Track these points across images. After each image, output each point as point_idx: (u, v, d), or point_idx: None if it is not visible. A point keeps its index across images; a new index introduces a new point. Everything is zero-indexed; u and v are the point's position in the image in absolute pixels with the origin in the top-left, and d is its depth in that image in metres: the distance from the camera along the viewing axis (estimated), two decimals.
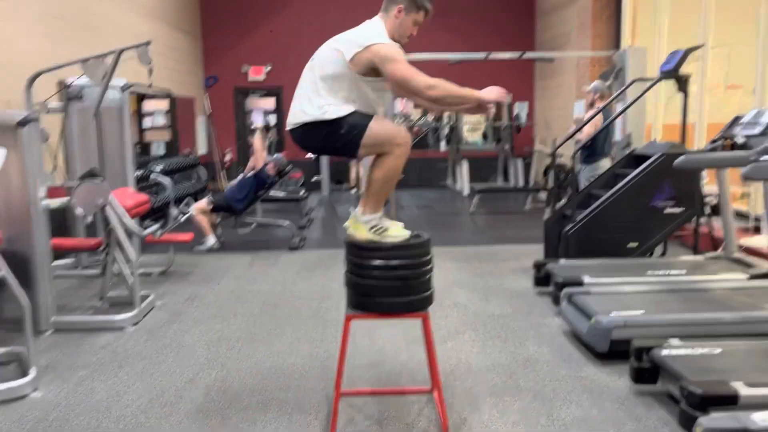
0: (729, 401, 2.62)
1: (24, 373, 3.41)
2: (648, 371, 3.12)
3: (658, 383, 3.12)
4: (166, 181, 8.09)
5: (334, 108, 2.67)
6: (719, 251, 5.33)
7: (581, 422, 2.94)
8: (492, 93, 2.71)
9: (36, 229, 4.15)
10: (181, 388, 3.39)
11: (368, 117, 2.71)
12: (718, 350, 3.11)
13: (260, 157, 6.98)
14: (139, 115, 9.68)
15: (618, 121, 7.03)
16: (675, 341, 3.19)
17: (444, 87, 2.65)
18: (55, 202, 4.36)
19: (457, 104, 2.75)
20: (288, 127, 2.83)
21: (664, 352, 3.08)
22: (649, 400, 3.13)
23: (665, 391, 3.11)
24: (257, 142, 7.03)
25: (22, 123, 4.02)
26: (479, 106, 2.77)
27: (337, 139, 2.69)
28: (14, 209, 4.13)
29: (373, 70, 2.67)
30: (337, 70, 2.68)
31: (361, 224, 2.79)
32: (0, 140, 4.01)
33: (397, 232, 2.78)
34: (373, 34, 2.68)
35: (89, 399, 3.26)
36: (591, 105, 6.79)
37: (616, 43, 9.54)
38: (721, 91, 8.10)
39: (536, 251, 5.91)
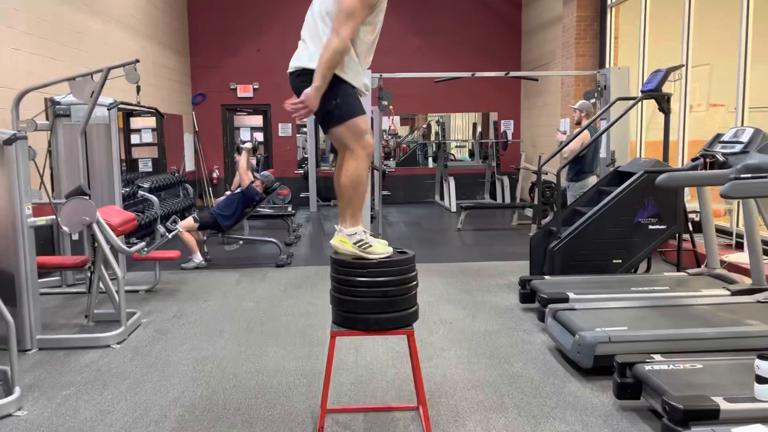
0: (710, 416, 2.65)
1: (9, 392, 3.38)
2: (631, 386, 3.15)
3: (641, 398, 3.16)
4: (153, 198, 8.08)
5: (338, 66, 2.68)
6: (702, 267, 5.40)
7: None
8: (306, 97, 2.69)
9: (22, 246, 4.13)
10: (166, 406, 3.37)
11: (361, 108, 2.80)
12: (699, 365, 3.15)
13: (244, 177, 7.01)
14: (127, 131, 9.68)
15: (603, 138, 7.13)
16: (658, 357, 3.23)
17: (337, 47, 2.63)
18: (42, 220, 4.34)
19: (322, 64, 2.66)
20: (289, 69, 2.84)
21: (647, 367, 3.11)
22: (633, 416, 3.16)
23: (648, 406, 3.14)
24: (242, 162, 7.06)
25: (9, 141, 4.02)
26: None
27: (327, 104, 2.71)
28: (0, 226, 4.11)
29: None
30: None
31: (345, 238, 2.82)
32: None
33: (381, 248, 2.81)
34: None
35: (73, 419, 3.24)
36: (578, 123, 6.89)
37: (601, 62, 9.70)
38: (703, 109, 8.26)
39: (522, 267, 5.96)
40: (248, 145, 7.21)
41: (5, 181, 4.05)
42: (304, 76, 2.75)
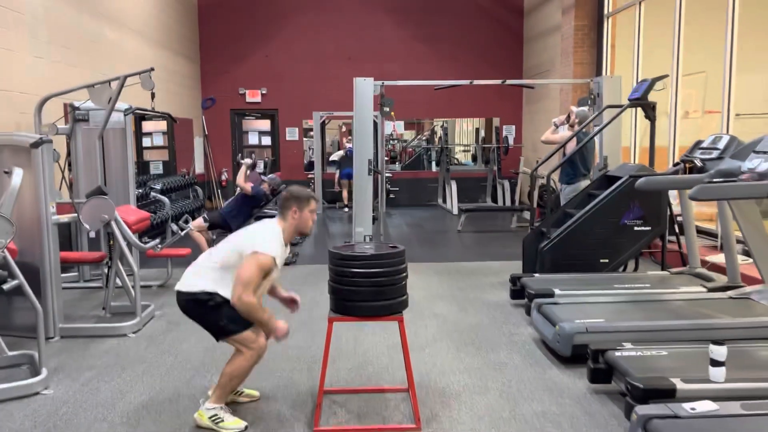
0: (667, 394, 2.95)
1: (36, 374, 3.72)
2: (603, 372, 3.45)
3: (612, 383, 3.46)
4: (164, 199, 8.42)
5: (224, 288, 3.11)
6: (685, 267, 5.68)
7: (540, 416, 3.26)
8: (282, 331, 3.22)
9: (47, 242, 4.48)
10: (180, 387, 3.71)
11: (248, 323, 3.16)
12: (665, 352, 3.45)
13: (243, 186, 7.31)
14: (138, 134, 10.05)
15: (596, 143, 7.43)
16: (628, 345, 3.53)
17: (244, 309, 3.06)
18: (64, 218, 4.69)
19: (251, 320, 3.13)
20: (177, 290, 3.27)
21: (617, 353, 3.41)
22: (604, 398, 3.46)
23: (618, 389, 3.44)
24: (239, 177, 7.39)
25: (36, 144, 4.37)
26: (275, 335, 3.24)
27: (212, 321, 3.19)
28: (26, 224, 4.45)
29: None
30: (232, 262, 3.13)
31: (203, 411, 3.19)
32: (15, 160, 4.38)
33: (233, 424, 3.16)
34: (262, 242, 3.13)
35: (95, 396, 3.57)
36: (572, 125, 7.18)
37: (598, 70, 10.00)
38: (699, 115, 8.53)
39: (517, 267, 6.25)
40: (247, 161, 7.58)
41: (32, 182, 4.39)
42: (190, 297, 3.21)
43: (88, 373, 3.92)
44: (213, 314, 3.17)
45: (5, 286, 3.63)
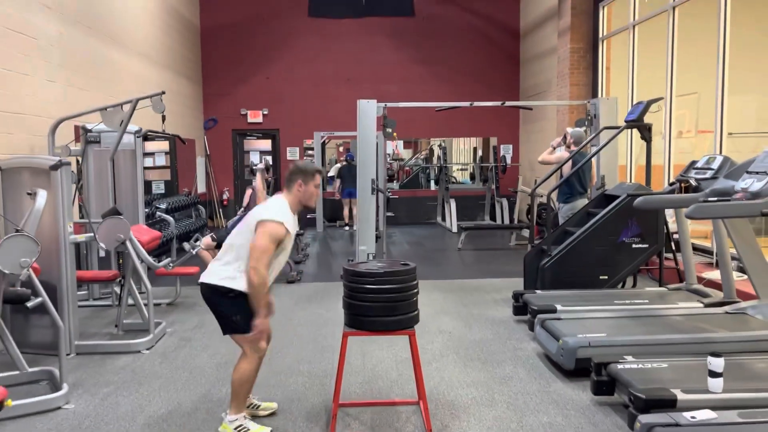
0: (668, 404, 3.10)
1: (56, 389, 3.84)
2: (606, 384, 3.59)
3: (615, 394, 3.59)
4: (169, 218, 8.56)
5: (242, 282, 3.23)
6: (682, 283, 5.83)
7: (547, 427, 3.40)
8: (259, 326, 3.25)
9: (64, 261, 4.61)
10: (196, 401, 3.82)
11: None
12: (665, 365, 3.59)
13: (261, 197, 7.48)
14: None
15: (594, 164, 7.62)
16: (629, 358, 3.68)
17: (257, 282, 3.16)
18: (81, 237, 4.82)
19: (252, 293, 3.21)
20: (200, 281, 3.39)
21: (619, 366, 3.56)
22: (607, 409, 3.60)
23: (621, 401, 3.58)
24: (258, 183, 7.53)
25: (55, 167, 4.52)
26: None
27: (230, 314, 3.28)
28: (44, 243, 4.55)
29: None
30: (243, 242, 3.27)
31: (227, 424, 3.33)
32: (35, 182, 4.53)
33: (259, 431, 3.30)
34: (271, 212, 3.26)
35: (116, 410, 3.69)
36: (569, 147, 7.37)
37: (594, 91, 10.24)
38: (692, 134, 8.76)
39: (518, 284, 6.40)
40: (261, 166, 7.70)
41: (51, 202, 4.52)
42: (209, 289, 3.31)
43: (106, 389, 4.03)
44: (230, 307, 3.26)
45: (29, 304, 3.75)
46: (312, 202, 3.42)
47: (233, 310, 3.27)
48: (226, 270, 3.28)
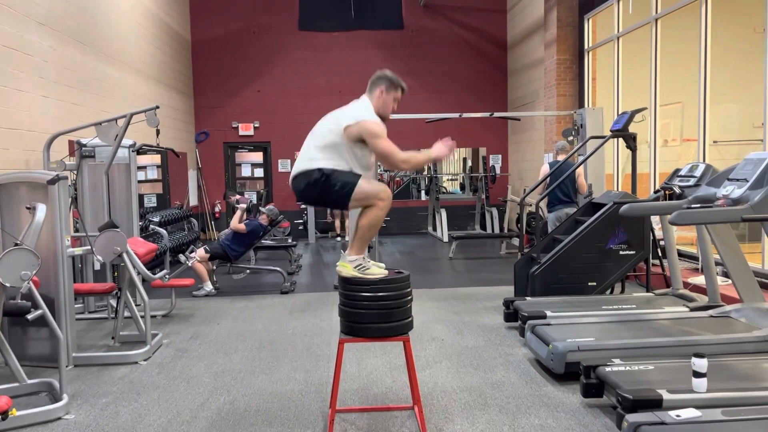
0: (655, 404, 3.20)
1: (56, 400, 3.89)
2: (595, 386, 3.69)
3: (604, 396, 3.70)
4: (163, 231, 8.63)
5: (331, 163, 3.30)
6: (669, 289, 5.96)
7: (538, 429, 3.49)
8: (441, 149, 3.40)
9: (62, 273, 4.67)
10: (195, 410, 3.89)
11: (357, 176, 3.33)
12: (651, 367, 3.70)
13: (237, 227, 7.52)
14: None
15: (581, 172, 7.78)
16: (617, 361, 3.78)
17: (413, 160, 3.35)
18: (78, 250, 4.89)
19: (419, 166, 3.38)
20: (291, 176, 3.45)
21: (607, 369, 3.66)
22: (596, 411, 3.70)
23: (610, 403, 3.68)
24: (234, 220, 7.58)
25: (53, 181, 4.60)
26: (438, 159, 3.47)
27: (331, 193, 3.33)
28: (43, 256, 4.63)
29: (361, 140, 3.31)
30: (333, 140, 3.32)
31: (347, 263, 3.40)
32: (32, 196, 4.60)
33: (376, 270, 3.38)
34: (362, 112, 3.34)
35: (115, 420, 3.75)
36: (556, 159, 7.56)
37: (580, 101, 10.43)
38: (677, 143, 8.94)
39: (508, 292, 6.52)
40: (243, 206, 7.78)
41: (49, 216, 4.59)
42: (304, 180, 3.35)
43: (105, 399, 4.09)
44: (327, 187, 3.28)
45: (30, 316, 3.82)
46: (387, 112, 3.41)
47: (330, 186, 3.26)
48: (312, 157, 3.30)
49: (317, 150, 3.33)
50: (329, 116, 3.43)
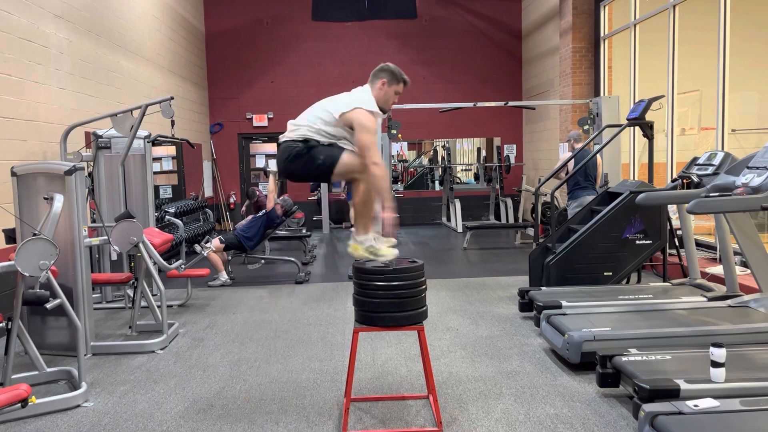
0: (672, 394, 3.17)
1: (75, 388, 3.94)
2: (611, 376, 3.67)
3: (620, 386, 3.68)
4: (178, 222, 8.68)
5: (316, 136, 3.33)
6: (686, 279, 5.90)
7: (553, 418, 3.48)
8: (390, 216, 3.27)
9: (80, 263, 4.72)
10: (211, 398, 3.92)
11: (341, 149, 3.34)
12: (669, 357, 3.67)
13: (271, 198, 7.60)
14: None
15: (599, 159, 7.73)
16: (633, 350, 3.76)
17: (381, 174, 3.23)
18: (95, 240, 4.93)
19: (377, 190, 3.27)
20: (279, 141, 3.46)
21: (624, 358, 3.64)
22: (612, 401, 3.68)
23: (626, 393, 3.66)
24: (270, 185, 7.65)
25: (70, 172, 4.64)
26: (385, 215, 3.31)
27: (314, 167, 3.33)
28: (60, 246, 4.68)
29: (352, 127, 3.32)
30: (324, 118, 3.34)
31: (357, 244, 3.40)
32: (50, 187, 4.64)
33: (387, 251, 3.38)
34: (359, 100, 3.33)
35: (133, 408, 3.79)
36: (572, 149, 7.51)
37: (596, 90, 10.32)
38: (695, 132, 8.82)
39: (523, 282, 6.49)
40: (273, 168, 7.82)
41: (66, 207, 4.63)
42: (291, 150, 3.35)
43: (123, 387, 4.14)
44: (310, 160, 3.29)
45: (48, 305, 3.86)
46: (389, 104, 3.40)
47: (314, 159, 3.27)
48: (301, 131, 3.32)
49: (306, 124, 3.33)
50: (327, 101, 3.43)
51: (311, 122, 3.37)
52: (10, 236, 5.28)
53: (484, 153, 14.80)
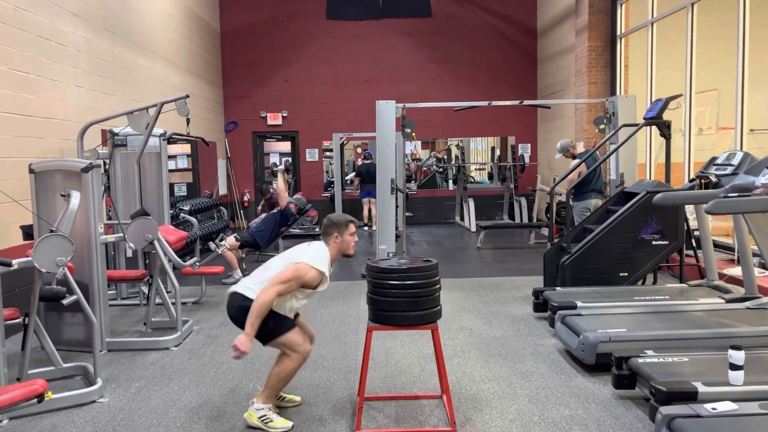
0: (690, 397, 3.13)
1: (91, 384, 3.97)
2: (627, 378, 3.64)
3: (636, 388, 3.64)
4: (193, 220, 8.72)
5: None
6: (703, 280, 5.83)
7: (568, 420, 3.45)
8: (246, 343, 3.26)
9: (95, 260, 4.76)
10: (225, 395, 3.94)
11: (292, 324, 3.45)
12: (686, 359, 3.63)
13: (283, 196, 7.61)
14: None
15: (612, 162, 7.66)
16: (650, 352, 3.71)
17: (263, 303, 3.27)
18: (111, 237, 4.97)
19: (251, 313, 3.29)
20: (230, 291, 3.55)
21: (640, 360, 3.60)
22: (628, 403, 3.64)
23: (642, 395, 3.62)
24: (280, 184, 7.66)
25: (86, 169, 4.67)
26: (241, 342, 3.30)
27: (262, 325, 3.33)
28: (77, 243, 4.71)
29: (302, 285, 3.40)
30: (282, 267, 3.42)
31: (253, 411, 3.44)
32: (67, 184, 4.68)
33: (281, 424, 3.40)
34: (306, 255, 3.44)
35: (148, 404, 3.81)
36: (573, 157, 7.74)
37: (612, 89, 10.23)
38: (713, 131, 8.72)
39: (537, 282, 6.45)
40: (281, 167, 7.83)
41: (83, 204, 4.66)
42: (234, 297, 3.48)
43: (137, 383, 4.16)
44: (262, 324, 3.36)
45: (65, 301, 3.89)
46: (351, 250, 3.58)
47: (266, 322, 3.34)
48: (258, 288, 3.40)
49: (264, 284, 3.38)
50: (288, 253, 3.59)
51: (264, 279, 3.42)
52: (28, 232, 5.33)
53: (498, 152, 14.74)
